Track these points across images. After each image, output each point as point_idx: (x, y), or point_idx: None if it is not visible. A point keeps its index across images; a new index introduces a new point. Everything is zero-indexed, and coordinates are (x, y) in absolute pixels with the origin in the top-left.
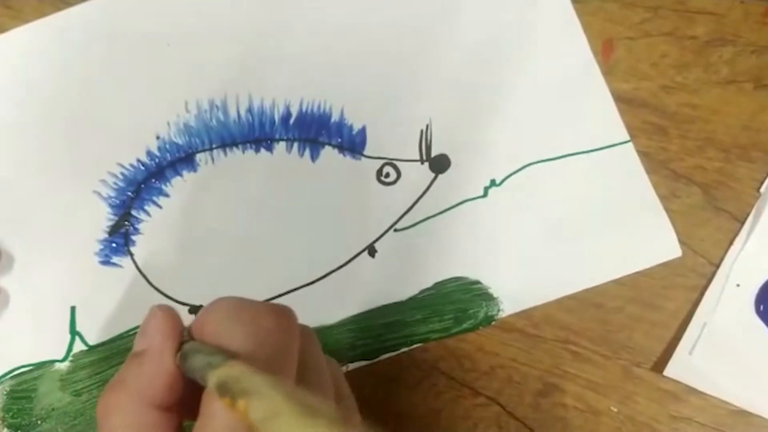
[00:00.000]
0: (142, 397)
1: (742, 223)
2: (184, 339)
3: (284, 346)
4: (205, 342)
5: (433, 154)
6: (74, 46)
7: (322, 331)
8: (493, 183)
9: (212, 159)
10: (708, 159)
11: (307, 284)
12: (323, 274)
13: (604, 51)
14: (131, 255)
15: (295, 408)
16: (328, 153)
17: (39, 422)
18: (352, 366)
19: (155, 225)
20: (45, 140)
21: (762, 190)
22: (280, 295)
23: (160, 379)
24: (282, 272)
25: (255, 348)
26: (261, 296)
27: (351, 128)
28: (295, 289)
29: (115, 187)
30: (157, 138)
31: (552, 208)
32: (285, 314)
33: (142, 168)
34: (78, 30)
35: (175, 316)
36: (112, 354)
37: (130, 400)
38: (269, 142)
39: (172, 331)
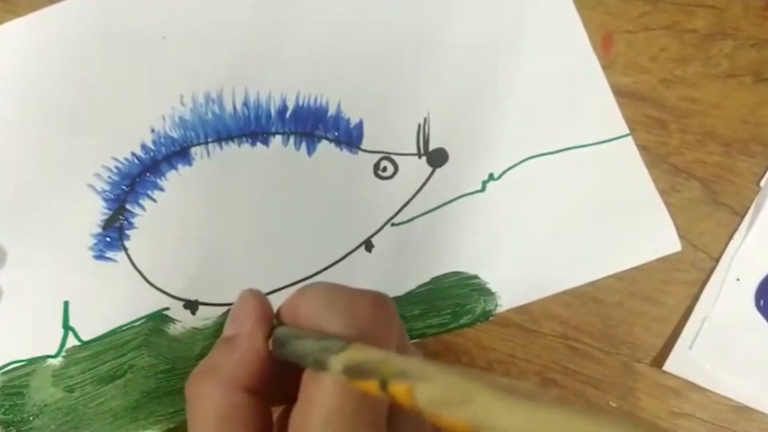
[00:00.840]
0: (233, 381)
1: (742, 217)
2: (273, 324)
3: (384, 337)
4: (301, 327)
5: (431, 148)
6: (69, 39)
7: None
8: (491, 177)
9: (207, 153)
10: (708, 153)
11: (304, 279)
12: (320, 269)
13: (604, 45)
14: (125, 249)
15: (486, 388)
16: (325, 147)
17: (31, 418)
18: None
19: (150, 219)
20: (39, 134)
21: (762, 184)
22: (276, 290)
23: (252, 363)
24: (278, 267)
25: (354, 338)
26: None
27: (348, 122)
28: (292, 284)
29: (109, 180)
30: (152, 131)
31: (551, 202)
32: (384, 303)
33: (137, 162)
34: (73, 23)
35: (265, 301)
36: (105, 349)
37: (221, 385)
38: (265, 135)
39: (263, 316)
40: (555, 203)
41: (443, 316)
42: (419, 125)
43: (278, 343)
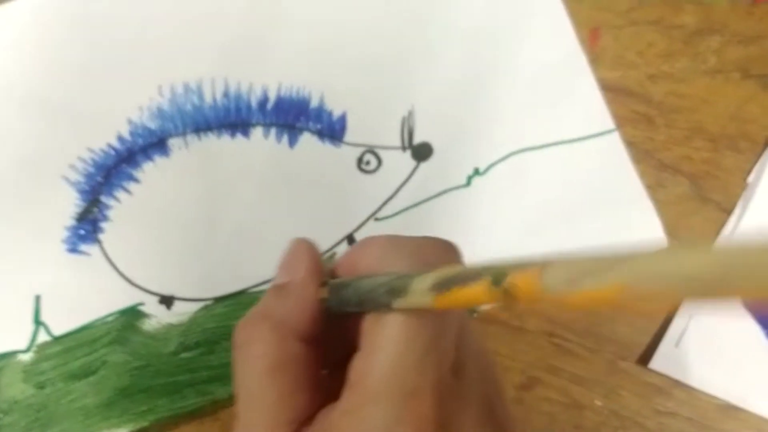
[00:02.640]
0: (284, 327)
1: (730, 213)
2: (326, 279)
3: None
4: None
5: (415, 141)
6: (47, 28)
7: None
8: (476, 172)
9: (186, 144)
10: (695, 149)
11: None
12: None
13: (591, 39)
14: (100, 243)
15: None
16: (307, 139)
17: (0, 415)
18: None
19: (125, 212)
20: (12, 124)
21: (749, 180)
22: (255, 285)
23: (303, 310)
24: (257, 261)
25: None
26: (233, 287)
27: (331, 114)
28: (271, 280)
29: (84, 172)
30: (129, 122)
31: (536, 197)
32: (453, 248)
33: (113, 153)
34: (50, 12)
35: (317, 251)
36: (77, 345)
37: (272, 330)
38: (245, 127)
39: (315, 264)
40: (540, 198)
41: None
42: (403, 118)
43: (336, 288)
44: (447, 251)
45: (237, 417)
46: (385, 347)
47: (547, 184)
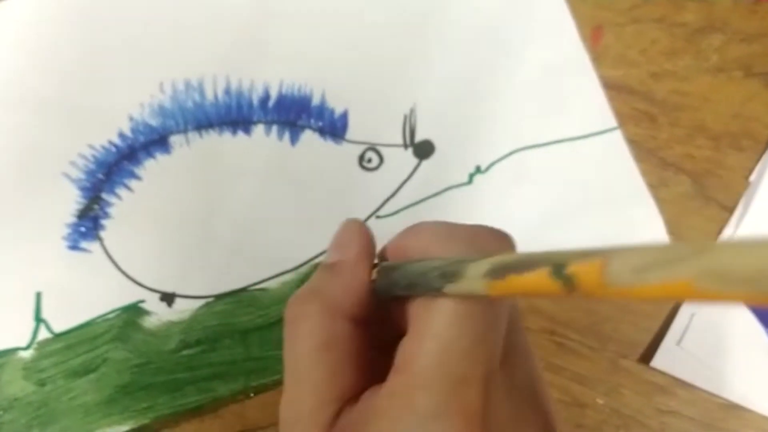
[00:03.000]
0: (335, 306)
1: (732, 212)
2: (376, 262)
3: None
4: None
5: (417, 139)
6: (48, 24)
7: None
8: (478, 170)
9: (187, 141)
10: (697, 147)
11: (285, 272)
12: (302, 261)
13: (593, 37)
14: (101, 240)
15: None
16: (309, 137)
17: (0, 413)
18: None
19: (126, 209)
20: (12, 121)
21: (752, 178)
22: (256, 283)
23: (354, 290)
24: (258, 259)
25: None
26: (234, 284)
27: (332, 112)
28: (273, 277)
29: (85, 169)
30: (130, 119)
31: (538, 195)
32: (507, 237)
33: (114, 150)
34: (52, 8)
35: (369, 232)
36: (78, 342)
37: (322, 308)
38: (247, 124)
39: (367, 245)
40: (542, 197)
41: None
42: (405, 116)
43: (387, 271)
44: (502, 240)
45: (285, 391)
46: (434, 332)
47: (549, 182)
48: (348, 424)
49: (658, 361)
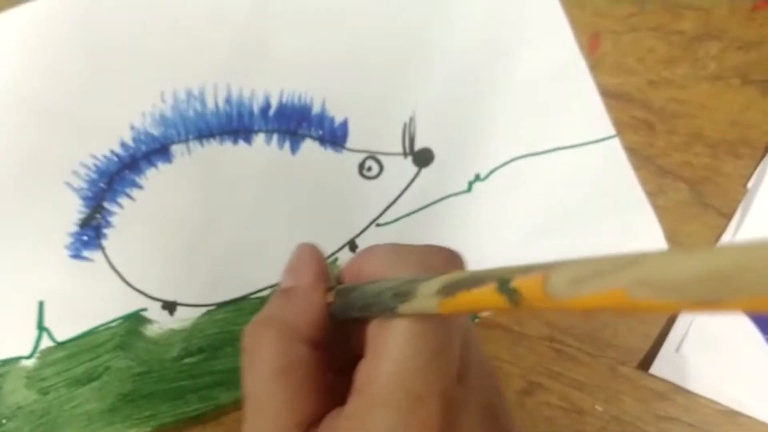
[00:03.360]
0: (291, 330)
1: (729, 219)
2: (332, 285)
3: None
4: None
5: (417, 147)
6: (49, 35)
7: None
8: (477, 177)
9: (188, 150)
10: (695, 155)
11: None
12: None
13: (591, 45)
14: (103, 249)
15: (638, 254)
16: (309, 145)
17: (4, 421)
18: None
19: (128, 218)
20: (15, 130)
21: (749, 186)
22: (257, 291)
23: (310, 314)
24: (259, 268)
25: None
26: (236, 293)
27: (332, 120)
28: (273, 286)
29: (87, 178)
30: (132, 128)
31: (537, 203)
32: (458, 257)
33: (116, 159)
34: (53, 18)
35: (322, 257)
36: (81, 351)
37: (278, 334)
38: (248, 133)
39: (321, 270)
40: (541, 204)
41: None
42: (405, 124)
43: (342, 293)
44: (452, 258)
45: (244, 420)
46: (390, 352)
47: (548, 189)
48: None
49: (657, 367)
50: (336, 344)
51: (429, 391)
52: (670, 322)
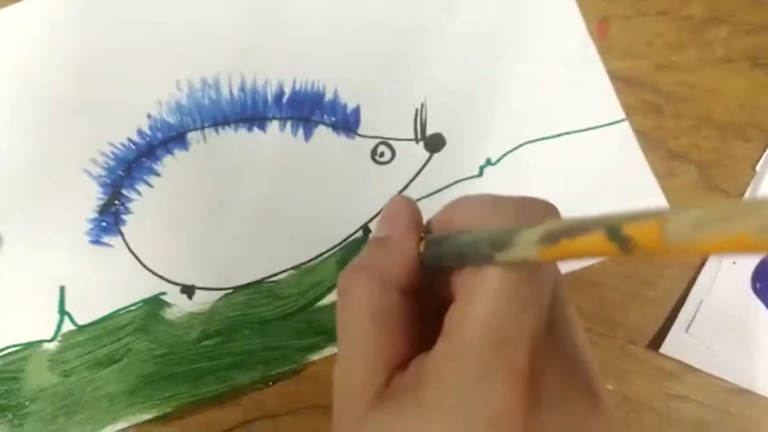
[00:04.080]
0: (384, 277)
1: None
2: (423, 235)
3: None
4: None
5: (428, 133)
6: (67, 25)
7: (317, 311)
8: (488, 162)
9: (204, 138)
10: (704, 138)
11: (302, 263)
12: (317, 254)
13: (600, 30)
14: (122, 234)
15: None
16: (322, 132)
17: (27, 403)
18: None
19: (146, 204)
20: (35, 120)
21: (757, 168)
22: (273, 275)
23: (403, 262)
24: (274, 252)
25: None
26: (252, 276)
27: (345, 107)
28: (290, 269)
29: (105, 166)
30: (149, 117)
31: (548, 187)
32: (553, 208)
33: (133, 147)
34: (69, 9)
35: (416, 207)
36: (102, 334)
37: (372, 280)
38: (262, 120)
39: (414, 219)
40: (552, 188)
41: None
42: (416, 110)
43: (434, 243)
44: (549, 209)
45: (339, 358)
46: (483, 298)
47: (558, 173)
48: (398, 389)
49: (667, 347)
50: (425, 292)
51: (519, 337)
52: (680, 302)
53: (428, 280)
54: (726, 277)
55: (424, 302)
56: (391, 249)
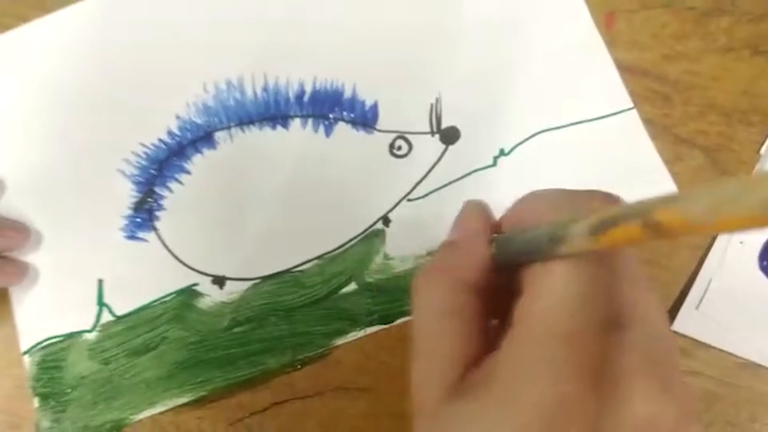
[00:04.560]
0: (459, 278)
1: None
2: (492, 237)
3: None
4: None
5: (443, 126)
6: (97, 33)
7: (341, 298)
8: (502, 152)
9: (230, 136)
10: (709, 123)
11: (325, 254)
12: (340, 243)
13: (606, 23)
14: (155, 230)
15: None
16: (342, 128)
17: (69, 390)
18: (369, 330)
19: (178, 201)
20: (71, 124)
21: (762, 152)
22: (298, 265)
23: (474, 262)
24: (300, 243)
25: None
26: (278, 266)
27: (363, 104)
28: (314, 259)
29: (138, 165)
30: (178, 118)
31: (559, 175)
32: (614, 198)
33: (164, 147)
34: (100, 17)
35: (488, 210)
36: (138, 323)
37: (444, 278)
38: (284, 119)
39: (485, 221)
40: (564, 175)
41: None
42: (431, 105)
43: (503, 242)
44: (611, 200)
45: (415, 355)
46: (549, 290)
47: (570, 161)
48: (472, 385)
49: (679, 324)
50: (495, 291)
51: (587, 329)
52: (690, 281)
53: (500, 279)
54: (734, 256)
55: (495, 301)
56: (462, 250)
